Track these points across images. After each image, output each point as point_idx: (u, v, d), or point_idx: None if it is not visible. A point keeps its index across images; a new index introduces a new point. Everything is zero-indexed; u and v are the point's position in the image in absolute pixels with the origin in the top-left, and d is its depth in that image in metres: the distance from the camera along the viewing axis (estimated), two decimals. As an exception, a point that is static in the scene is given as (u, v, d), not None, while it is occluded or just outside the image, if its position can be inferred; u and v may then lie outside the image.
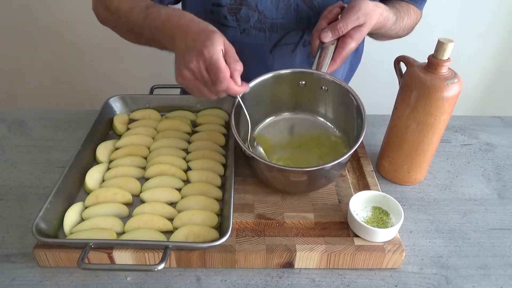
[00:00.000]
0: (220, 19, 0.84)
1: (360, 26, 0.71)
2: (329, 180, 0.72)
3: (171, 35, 0.65)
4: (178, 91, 1.00)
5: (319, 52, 0.73)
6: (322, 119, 0.80)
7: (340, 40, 0.72)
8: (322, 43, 0.72)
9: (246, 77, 0.71)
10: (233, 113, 0.69)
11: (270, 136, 0.79)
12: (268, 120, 0.81)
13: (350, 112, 0.72)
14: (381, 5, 0.75)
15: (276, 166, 0.64)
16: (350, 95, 0.71)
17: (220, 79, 0.60)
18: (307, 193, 0.72)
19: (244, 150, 0.65)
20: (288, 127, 0.81)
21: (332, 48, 0.72)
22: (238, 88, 0.63)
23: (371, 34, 0.86)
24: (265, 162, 0.65)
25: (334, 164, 0.63)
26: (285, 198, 0.71)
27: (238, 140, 0.66)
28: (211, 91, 0.64)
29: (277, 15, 0.84)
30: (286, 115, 0.82)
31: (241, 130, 0.72)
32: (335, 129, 0.79)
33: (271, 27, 0.85)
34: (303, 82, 0.75)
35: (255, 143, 0.74)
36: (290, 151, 0.77)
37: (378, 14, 0.73)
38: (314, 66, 0.73)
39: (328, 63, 0.72)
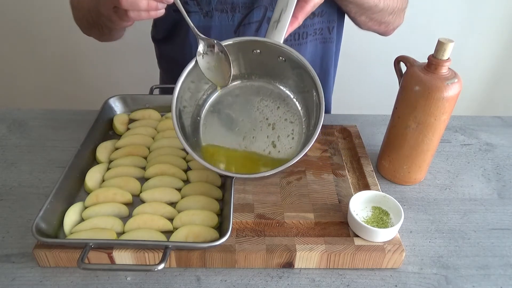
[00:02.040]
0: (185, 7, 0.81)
1: None
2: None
3: None
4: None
5: (277, 6, 0.66)
6: (282, 88, 0.72)
7: None
8: None
9: None
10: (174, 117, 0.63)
11: (222, 115, 0.72)
12: (219, 92, 0.73)
13: (310, 92, 0.66)
14: None
15: (221, 172, 0.63)
16: (304, 70, 0.65)
17: None
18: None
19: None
20: (243, 98, 0.73)
21: (293, 1, 0.65)
22: None
23: (346, 8, 0.83)
24: (208, 166, 0.62)
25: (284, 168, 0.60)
26: (285, 198, 0.71)
27: (182, 141, 0.62)
28: None
29: None
30: (237, 83, 0.73)
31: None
32: (296, 99, 0.71)
33: (232, 7, 0.84)
34: (258, 51, 0.68)
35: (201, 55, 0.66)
36: (242, 135, 0.71)
37: None
38: (272, 23, 0.65)
39: (288, 21, 0.65)
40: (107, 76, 1.81)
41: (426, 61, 0.68)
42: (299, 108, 0.71)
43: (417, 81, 0.67)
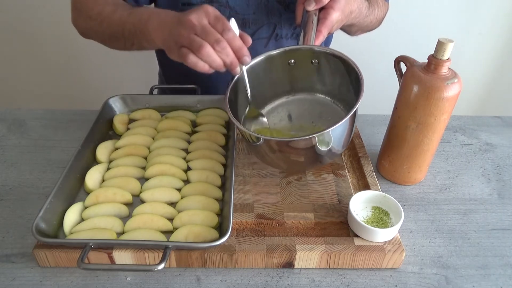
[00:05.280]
0: None
1: None
2: (332, 154, 0.67)
3: (161, 20, 0.65)
4: (177, 91, 1.00)
5: (303, 26, 0.72)
6: (322, 96, 0.78)
7: (322, 12, 0.72)
8: (306, 11, 0.72)
9: (221, 76, 0.71)
10: (228, 90, 0.67)
11: (270, 126, 0.78)
12: (266, 108, 0.80)
13: (344, 76, 0.71)
14: None
15: (277, 139, 0.63)
16: (336, 58, 0.69)
17: (228, 27, 0.58)
18: (310, 169, 0.73)
19: (249, 134, 0.63)
20: (288, 112, 0.79)
21: (315, 20, 0.72)
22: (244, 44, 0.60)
23: (349, 28, 0.86)
24: (263, 137, 0.62)
25: (334, 129, 0.60)
26: (285, 198, 0.71)
27: (232, 119, 0.63)
28: (218, 46, 0.58)
29: (248, 10, 0.84)
30: (283, 99, 0.80)
31: (239, 110, 0.71)
32: (335, 103, 0.77)
33: (242, 22, 0.86)
34: (292, 61, 0.74)
35: (259, 117, 0.73)
36: (291, 136, 0.76)
37: None
38: (301, 41, 0.72)
39: (314, 35, 0.71)
40: (107, 76, 1.81)
41: (426, 61, 0.68)
42: (340, 108, 0.76)
43: (417, 81, 0.67)
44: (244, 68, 0.65)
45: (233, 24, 0.62)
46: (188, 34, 0.59)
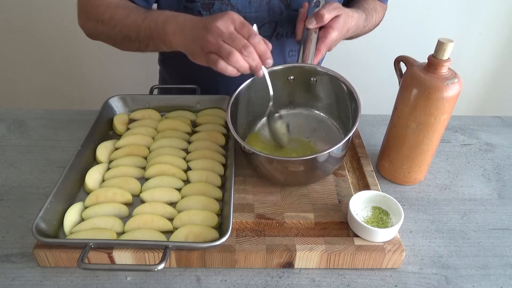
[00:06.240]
0: (194, 15, 0.84)
1: (337, 16, 0.75)
2: (326, 171, 0.72)
3: (180, 23, 0.67)
4: (177, 91, 1.00)
5: (303, 43, 0.75)
6: (318, 112, 0.82)
7: (322, 31, 0.75)
8: (307, 29, 0.75)
9: (221, 76, 0.71)
10: (230, 105, 0.69)
11: (267, 138, 0.79)
12: (263, 119, 0.81)
13: (344, 100, 0.73)
14: (349, 9, 0.80)
15: (275, 158, 0.66)
16: (341, 82, 0.72)
17: (254, 33, 0.61)
18: (307, 184, 0.73)
19: (244, 147, 0.66)
20: (285, 124, 0.80)
21: (315, 38, 0.75)
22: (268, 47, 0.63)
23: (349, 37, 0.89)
24: (263, 155, 0.65)
25: (332, 151, 0.63)
26: (285, 198, 0.71)
27: (234, 135, 0.66)
28: (245, 51, 0.61)
29: (250, 8, 0.85)
30: (283, 112, 0.82)
31: (239, 123, 0.73)
32: (331, 120, 0.80)
33: None
34: (292, 77, 0.77)
35: (275, 116, 0.76)
36: (286, 149, 0.77)
37: (350, 17, 0.78)
38: (300, 58, 0.75)
39: (313, 53, 0.74)
40: (107, 76, 1.81)
41: (426, 61, 0.68)
42: (334, 124, 0.80)
43: (417, 81, 0.67)
44: (265, 69, 0.67)
45: (255, 29, 0.65)
46: (216, 41, 0.61)
